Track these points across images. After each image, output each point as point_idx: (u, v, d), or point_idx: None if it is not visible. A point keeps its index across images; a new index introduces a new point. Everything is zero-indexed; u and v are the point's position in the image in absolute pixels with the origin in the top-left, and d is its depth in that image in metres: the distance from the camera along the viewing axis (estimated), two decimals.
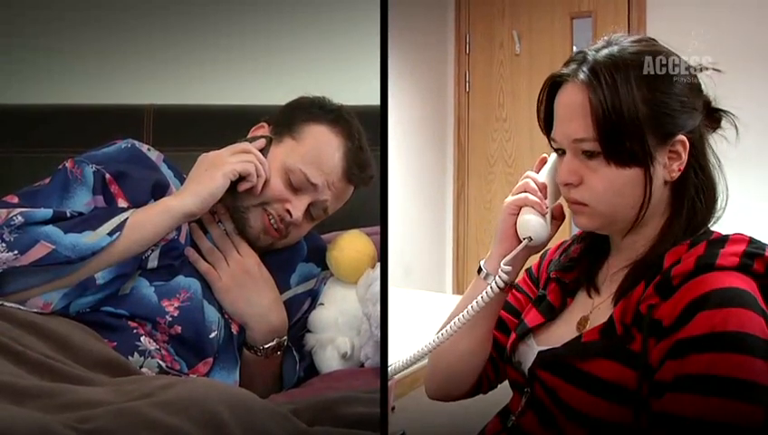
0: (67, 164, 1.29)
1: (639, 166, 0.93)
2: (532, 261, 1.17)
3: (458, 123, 3.86)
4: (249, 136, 1.38)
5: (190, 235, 1.32)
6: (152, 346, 1.20)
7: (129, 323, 1.20)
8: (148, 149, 1.38)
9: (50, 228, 1.16)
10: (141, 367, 1.16)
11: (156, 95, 1.74)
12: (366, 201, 1.39)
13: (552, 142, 1.00)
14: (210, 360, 1.25)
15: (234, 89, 1.81)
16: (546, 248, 1.13)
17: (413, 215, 3.63)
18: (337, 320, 1.36)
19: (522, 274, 1.17)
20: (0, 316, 1.06)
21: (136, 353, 1.17)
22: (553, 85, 0.99)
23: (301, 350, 1.39)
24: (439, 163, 3.85)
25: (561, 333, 1.02)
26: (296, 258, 1.42)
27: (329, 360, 1.35)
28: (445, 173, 3.87)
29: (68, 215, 1.21)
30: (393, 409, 1.55)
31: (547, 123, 1.01)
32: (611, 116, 0.91)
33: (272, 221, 1.31)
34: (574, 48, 0.89)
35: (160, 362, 1.19)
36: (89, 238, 1.16)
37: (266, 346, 1.32)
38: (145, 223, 1.21)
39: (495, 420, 1.08)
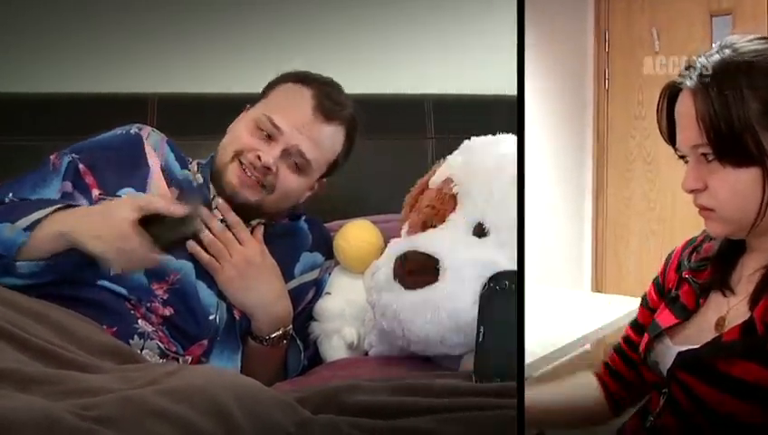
0: (52, 156, 1.31)
1: (756, 165, 0.90)
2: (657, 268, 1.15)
3: (597, 120, 3.84)
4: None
5: None
6: (149, 328, 1.20)
7: (126, 304, 1.21)
8: (152, 131, 1.39)
9: None
10: (142, 349, 1.17)
11: (160, 84, 1.75)
12: (371, 189, 1.38)
13: (676, 151, 0.99)
14: (205, 342, 1.26)
15: (240, 78, 1.80)
16: (670, 252, 1.12)
17: (550, 211, 3.56)
18: (344, 310, 1.36)
19: (649, 285, 1.15)
20: (4, 303, 1.06)
21: (136, 336, 1.18)
22: (672, 93, 0.98)
23: (305, 339, 1.39)
24: (578, 159, 3.79)
25: (698, 333, 0.99)
26: (300, 248, 1.42)
27: (334, 349, 1.35)
28: (583, 169, 3.81)
29: (6, 200, 1.23)
30: None
31: (671, 131, 1.00)
32: (719, 122, 0.90)
33: (246, 172, 1.31)
34: (713, 46, 0.89)
35: (159, 344, 1.19)
36: (8, 230, 1.15)
37: (272, 336, 1.32)
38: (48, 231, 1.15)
39: (635, 418, 1.06)
